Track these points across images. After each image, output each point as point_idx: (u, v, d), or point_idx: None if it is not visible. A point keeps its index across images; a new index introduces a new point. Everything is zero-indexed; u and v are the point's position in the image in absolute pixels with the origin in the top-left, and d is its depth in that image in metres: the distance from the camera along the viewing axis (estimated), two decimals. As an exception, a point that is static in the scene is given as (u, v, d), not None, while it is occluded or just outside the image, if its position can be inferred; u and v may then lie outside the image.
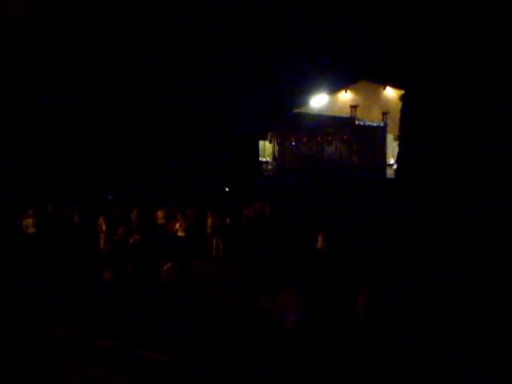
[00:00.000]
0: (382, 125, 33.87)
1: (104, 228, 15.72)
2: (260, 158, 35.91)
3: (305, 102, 38.38)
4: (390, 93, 37.92)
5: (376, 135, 33.38)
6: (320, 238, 14.11)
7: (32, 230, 17.47)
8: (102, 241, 15.68)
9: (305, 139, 32.76)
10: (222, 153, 30.36)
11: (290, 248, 15.43)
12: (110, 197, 22.69)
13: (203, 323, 9.29)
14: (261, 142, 36.01)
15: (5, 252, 14.21)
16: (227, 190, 28.65)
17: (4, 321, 8.61)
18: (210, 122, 29.17)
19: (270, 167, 35.47)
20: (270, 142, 34.98)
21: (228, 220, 17.42)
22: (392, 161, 38.93)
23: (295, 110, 36.92)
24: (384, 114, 34.20)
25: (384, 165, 34.13)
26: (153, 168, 26.49)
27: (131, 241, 13.03)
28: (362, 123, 32.50)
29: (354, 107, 32.71)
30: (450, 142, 16.20)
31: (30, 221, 17.26)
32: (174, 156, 27.60)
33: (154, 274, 11.72)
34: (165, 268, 10.36)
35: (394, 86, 35.30)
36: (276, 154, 34.50)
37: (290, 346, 7.91)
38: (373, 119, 34.53)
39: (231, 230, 17.11)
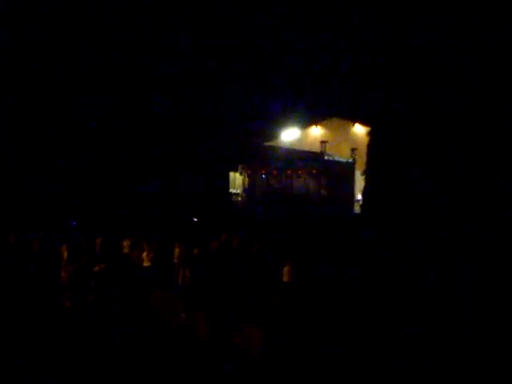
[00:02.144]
0: (350, 160, 34.62)
1: (65, 256, 15.20)
2: (230, 190, 35.92)
3: (276, 136, 38.91)
4: (359, 130, 38.91)
5: (344, 170, 34.06)
6: (286, 270, 14.03)
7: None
8: (62, 269, 15.11)
9: (275, 172, 33.08)
10: (192, 183, 30.17)
11: (256, 281, 15.33)
12: (74, 223, 22.11)
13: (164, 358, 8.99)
14: (231, 174, 36.10)
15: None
16: (195, 220, 28.39)
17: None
18: (180, 149, 29.11)
19: (239, 198, 35.48)
20: (241, 174, 35.12)
21: (195, 250, 17.14)
22: (359, 196, 39.66)
23: (266, 143, 37.36)
24: (353, 150, 35.04)
25: (352, 200, 34.68)
26: (120, 194, 26.06)
27: (96, 269, 12.61)
28: (331, 158, 33.15)
29: (323, 142, 33.44)
30: (411, 171, 17.31)
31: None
32: (142, 182, 27.29)
33: (117, 304, 11.40)
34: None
35: (363, 123, 36.27)
36: (246, 186, 34.60)
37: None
38: (342, 154, 35.28)
39: (198, 261, 16.82)
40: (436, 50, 19.20)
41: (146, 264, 15.93)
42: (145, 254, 16.14)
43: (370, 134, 23.37)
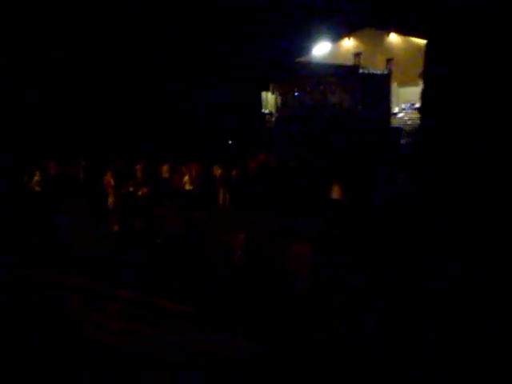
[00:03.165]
0: (386, 72, 33.16)
1: (112, 182, 15.70)
2: (263, 110, 35.40)
3: (307, 51, 37.43)
4: (395, 39, 36.93)
5: (380, 83, 32.71)
6: (335, 188, 14.15)
7: (38, 188, 17.62)
8: (109, 196, 15.68)
9: (308, 89, 32.13)
10: (225, 104, 29.84)
11: (299, 198, 15.53)
12: (114, 151, 22.52)
13: (213, 273, 9.43)
14: (263, 94, 35.38)
15: (12, 210, 14.24)
16: (231, 142, 28.44)
17: (20, 275, 8.74)
18: (211, 72, 28.55)
19: (273, 118, 35.01)
20: (273, 93, 34.34)
21: (234, 172, 17.35)
22: (396, 109, 38.44)
23: (297, 60, 36.08)
24: (388, 60, 33.46)
25: (388, 113, 33.69)
26: (157, 121, 26.17)
27: (139, 194, 13.04)
28: (365, 71, 31.79)
29: (357, 55, 31.98)
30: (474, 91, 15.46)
31: (36, 179, 17.34)
32: (178, 108, 27.21)
33: (163, 227, 11.86)
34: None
35: (399, 32, 34.34)
36: (279, 105, 33.96)
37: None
38: (376, 66, 33.76)
39: (238, 182, 17.07)
40: None
41: (187, 187, 16.30)
42: (186, 178, 16.46)
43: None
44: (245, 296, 8.28)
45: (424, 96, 18.22)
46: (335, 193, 14.27)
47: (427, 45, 19.95)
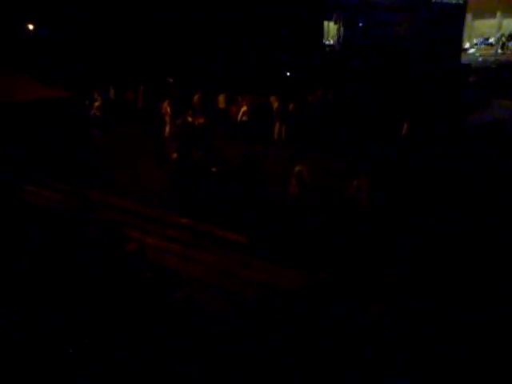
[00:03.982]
0: (460, 2, 30.57)
1: (169, 111, 15.76)
2: (324, 41, 33.88)
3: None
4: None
5: (453, 15, 30.26)
6: (405, 126, 13.72)
7: (98, 113, 18.00)
8: (166, 124, 15.81)
9: (373, 19, 30.23)
10: (284, 33, 28.67)
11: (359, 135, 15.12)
12: (171, 80, 22.47)
13: (270, 206, 9.45)
14: (325, 23, 33.70)
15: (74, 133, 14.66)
16: (288, 74, 27.61)
17: (80, 195, 9.08)
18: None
19: (334, 50, 33.56)
20: (335, 23, 32.64)
21: (291, 105, 16.94)
22: (468, 44, 35.83)
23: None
24: (465, -11, 30.75)
25: (459, 48, 31.47)
26: (213, 51, 25.67)
27: (196, 124, 13.04)
28: (438, 0, 29.44)
29: (431, -19, 29.47)
30: None
31: (97, 103, 17.67)
32: (235, 39, 26.46)
33: (219, 157, 11.90)
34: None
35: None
36: (341, 36, 32.34)
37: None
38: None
39: (294, 116, 16.70)
40: None
41: (244, 119, 16.14)
42: (242, 109, 16.26)
43: None
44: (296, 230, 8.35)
45: None
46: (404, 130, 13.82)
47: None
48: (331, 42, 34.37)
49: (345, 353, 5.32)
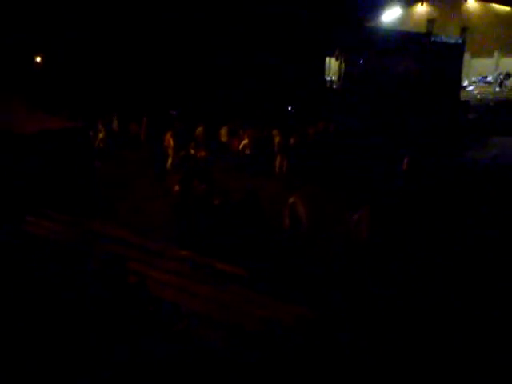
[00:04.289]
0: (459, 41, 31.31)
1: (172, 143, 15.97)
2: (325, 77, 34.56)
3: (376, 16, 35.88)
4: (472, 6, 34.64)
5: (452, 53, 30.93)
6: (406, 161, 13.87)
7: (102, 145, 18.25)
8: (169, 156, 15.99)
9: (374, 56, 30.86)
10: (287, 70, 29.26)
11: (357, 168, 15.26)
12: (175, 112, 22.84)
13: (268, 238, 9.47)
14: (327, 60, 34.47)
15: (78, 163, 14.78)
16: (290, 108, 28.06)
17: (81, 226, 9.10)
18: (275, 36, 27.97)
19: (334, 86, 34.16)
20: (337, 60, 33.30)
21: (293, 139, 17.17)
22: (466, 82, 36.45)
23: (366, 25, 34.74)
24: (463, 29, 31.57)
25: (458, 86, 32.03)
26: (216, 85, 26.16)
27: (199, 156, 13.19)
28: (438, 39, 30.13)
29: (431, 21, 30.25)
30: None
31: (101, 135, 17.92)
32: (238, 73, 27.01)
33: (220, 190, 11.99)
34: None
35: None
36: (342, 72, 32.94)
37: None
38: (450, 35, 31.94)
39: (296, 149, 16.90)
40: None
41: (245, 152, 16.32)
42: (244, 142, 16.47)
43: None
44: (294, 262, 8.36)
45: None
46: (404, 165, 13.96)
47: None
48: (333, 77, 35.00)
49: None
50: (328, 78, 35.06)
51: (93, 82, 24.16)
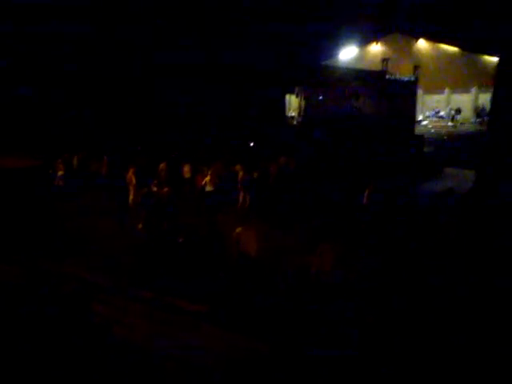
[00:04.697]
0: (412, 79, 32.77)
1: (134, 180, 15.81)
2: (287, 113, 35.32)
3: (333, 55, 37.31)
4: (423, 46, 36.56)
5: (406, 90, 32.33)
6: (366, 193, 14.10)
7: (61, 183, 17.91)
8: (131, 193, 15.81)
9: (332, 93, 31.83)
10: (249, 106, 29.82)
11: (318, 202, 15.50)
12: (138, 148, 22.71)
13: (231, 275, 9.43)
14: (287, 97, 35.32)
15: (37, 202, 14.43)
16: (252, 144, 28.40)
17: (40, 268, 8.84)
18: (237, 74, 28.56)
19: (295, 122, 34.89)
20: (297, 97, 34.15)
21: (255, 174, 17.32)
22: (421, 117, 37.98)
23: (323, 63, 35.94)
24: (415, 67, 33.10)
25: (413, 121, 33.32)
26: (180, 122, 26.32)
27: (162, 193, 13.09)
28: (392, 77, 31.46)
29: (385, 60, 31.56)
30: None
31: (60, 173, 17.60)
32: (201, 111, 27.31)
33: (184, 228, 11.92)
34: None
35: (428, 38, 33.98)
36: (302, 109, 33.77)
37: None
38: (403, 73, 33.45)
39: (258, 185, 17.04)
40: None
41: (208, 189, 16.32)
42: (207, 179, 16.49)
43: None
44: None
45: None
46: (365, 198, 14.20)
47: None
48: (293, 114, 35.79)
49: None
50: (289, 115, 35.81)
51: (51, 122, 23.89)
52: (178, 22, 26.76)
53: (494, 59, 26.24)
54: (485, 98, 30.54)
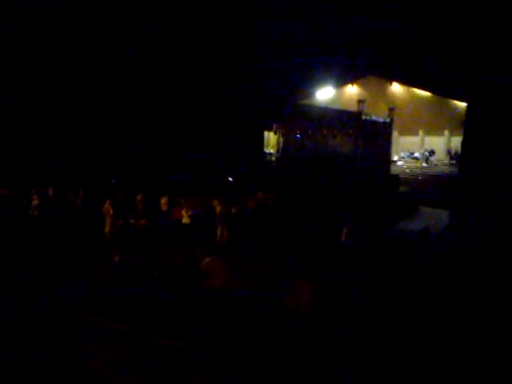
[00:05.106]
0: (387, 121, 33.80)
1: (111, 212, 15.68)
2: (264, 150, 35.76)
3: (311, 94, 38.26)
4: (397, 89, 37.89)
5: (382, 131, 33.31)
6: (345, 231, 14.21)
7: (36, 212, 17.62)
8: (107, 224, 15.64)
9: (310, 132, 32.54)
10: (228, 143, 30.11)
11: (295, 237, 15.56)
12: (113, 181, 22.60)
13: (210, 310, 9.31)
14: (266, 133, 35.87)
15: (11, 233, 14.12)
16: (231, 179, 28.57)
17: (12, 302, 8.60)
18: (214, 111, 28.96)
19: (273, 159, 35.35)
20: (275, 134, 34.76)
21: (233, 209, 17.38)
22: (396, 157, 38.95)
23: (301, 102, 36.78)
24: (390, 109, 34.15)
25: (388, 161, 34.15)
26: (157, 155, 26.38)
27: (138, 226, 13.00)
28: (368, 118, 32.37)
29: (361, 102, 32.48)
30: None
31: (35, 202, 17.34)
32: (179, 145, 27.47)
33: (160, 260, 11.79)
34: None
35: (402, 82, 35.27)
36: (280, 146, 34.34)
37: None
38: (378, 114, 34.47)
39: (236, 219, 17.08)
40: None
41: (185, 221, 16.29)
42: (184, 212, 16.47)
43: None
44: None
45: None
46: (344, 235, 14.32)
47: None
48: (271, 150, 36.29)
49: None
50: (267, 151, 36.27)
51: (26, 149, 23.64)
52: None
53: (464, 104, 27.34)
54: (457, 141, 31.57)
